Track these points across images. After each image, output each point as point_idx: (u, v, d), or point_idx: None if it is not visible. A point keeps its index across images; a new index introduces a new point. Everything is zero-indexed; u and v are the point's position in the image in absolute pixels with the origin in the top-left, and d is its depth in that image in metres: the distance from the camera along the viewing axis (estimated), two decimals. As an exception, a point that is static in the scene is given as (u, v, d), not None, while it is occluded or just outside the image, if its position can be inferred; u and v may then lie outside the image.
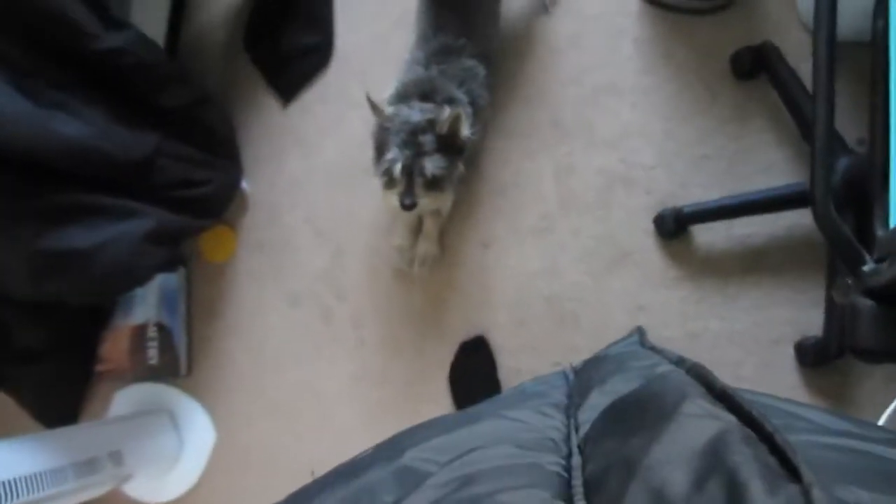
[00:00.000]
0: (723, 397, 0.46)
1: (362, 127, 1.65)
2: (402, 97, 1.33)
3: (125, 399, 1.71)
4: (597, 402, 0.67)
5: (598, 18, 1.56)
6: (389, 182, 1.27)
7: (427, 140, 1.24)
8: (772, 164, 1.41)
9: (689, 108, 1.49)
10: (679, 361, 0.66)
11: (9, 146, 1.04)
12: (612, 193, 1.48)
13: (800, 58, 1.43)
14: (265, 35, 1.74)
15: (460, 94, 1.34)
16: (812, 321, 1.32)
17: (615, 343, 1.31)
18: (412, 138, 1.24)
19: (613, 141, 1.50)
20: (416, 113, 1.27)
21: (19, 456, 1.24)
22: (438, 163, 1.25)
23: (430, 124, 1.25)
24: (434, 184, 1.27)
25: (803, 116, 1.32)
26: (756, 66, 1.42)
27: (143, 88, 1.32)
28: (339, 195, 1.64)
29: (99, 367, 1.69)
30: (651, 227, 1.45)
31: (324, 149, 1.67)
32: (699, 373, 0.53)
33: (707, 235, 1.42)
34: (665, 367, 0.69)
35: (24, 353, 1.59)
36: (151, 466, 1.57)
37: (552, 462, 0.54)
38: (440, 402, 1.53)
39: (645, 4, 1.55)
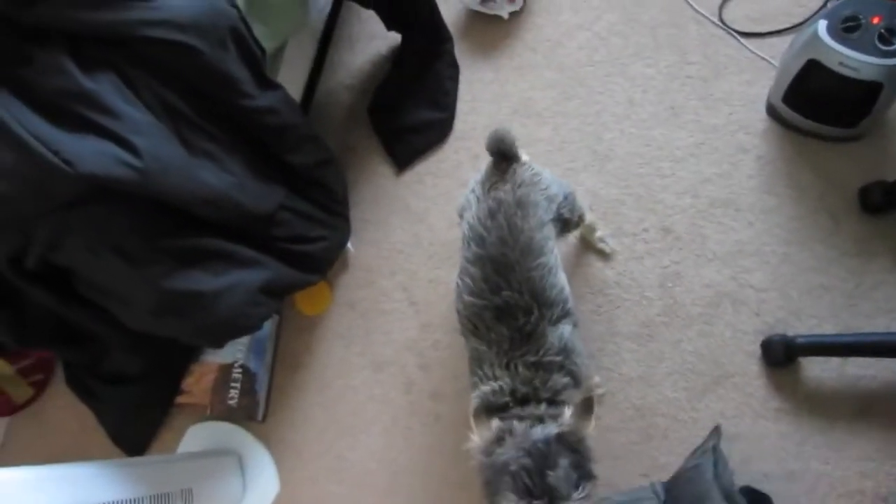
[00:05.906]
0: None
1: (470, 205, 1.69)
2: (492, 409, 1.01)
3: (197, 434, 1.72)
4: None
5: (722, 130, 1.56)
6: None
7: (562, 476, 0.85)
8: (896, 307, 1.35)
9: (810, 234, 1.45)
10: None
11: (162, 190, 1.10)
12: (719, 310, 1.44)
13: (936, 202, 1.39)
14: (390, 104, 1.81)
15: (564, 379, 1.03)
16: (928, 482, 1.23)
17: (694, 453, 1.25)
18: (540, 479, 0.85)
19: (726, 257, 1.47)
20: (537, 428, 0.90)
21: (101, 482, 1.26)
22: None
23: (562, 443, 0.88)
24: None
25: (938, 264, 1.27)
26: (887, 202, 1.39)
27: (279, 145, 1.39)
28: (438, 269, 1.65)
29: (179, 399, 1.72)
30: (757, 351, 1.40)
31: (430, 221, 1.70)
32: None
33: (817, 370, 1.36)
34: None
35: (115, 374, 1.63)
36: (214, 509, 1.57)
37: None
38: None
39: (773, 123, 1.54)
